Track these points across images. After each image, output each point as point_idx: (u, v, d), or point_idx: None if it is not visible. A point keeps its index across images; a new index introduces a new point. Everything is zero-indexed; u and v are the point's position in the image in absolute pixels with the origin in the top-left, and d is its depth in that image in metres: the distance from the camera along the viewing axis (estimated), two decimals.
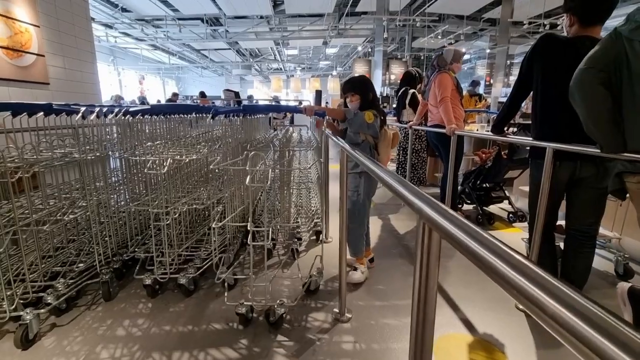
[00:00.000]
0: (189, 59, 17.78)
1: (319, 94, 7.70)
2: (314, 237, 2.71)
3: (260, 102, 10.27)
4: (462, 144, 2.95)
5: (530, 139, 1.86)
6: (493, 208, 3.41)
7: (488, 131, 4.21)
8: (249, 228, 1.58)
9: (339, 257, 1.70)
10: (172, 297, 1.89)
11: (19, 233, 1.56)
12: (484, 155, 3.18)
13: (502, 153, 2.92)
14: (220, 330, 1.61)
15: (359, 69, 13.91)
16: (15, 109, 1.69)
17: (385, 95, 13.20)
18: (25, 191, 1.68)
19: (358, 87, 2.05)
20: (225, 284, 1.91)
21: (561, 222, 1.96)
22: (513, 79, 12.87)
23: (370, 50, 14.86)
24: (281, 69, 21.73)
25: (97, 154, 1.97)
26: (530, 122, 1.87)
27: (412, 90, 3.90)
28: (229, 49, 14.94)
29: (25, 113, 1.73)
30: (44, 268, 1.78)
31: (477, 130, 4.07)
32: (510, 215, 3.22)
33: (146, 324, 1.65)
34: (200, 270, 1.97)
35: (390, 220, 3.26)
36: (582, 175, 1.64)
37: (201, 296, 1.89)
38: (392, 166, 5.31)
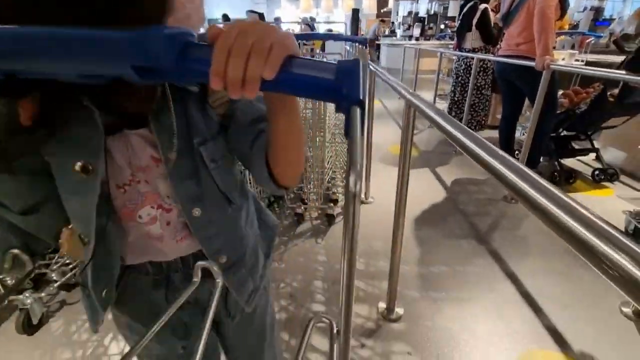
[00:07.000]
0: None
1: (356, 13, 6.49)
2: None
3: (286, 26, 9.05)
4: (556, 83, 2.16)
5: None
6: (573, 162, 2.75)
7: (578, 60, 3.28)
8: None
9: (393, 228, 1.27)
10: None
11: None
12: (577, 96, 2.43)
13: (609, 94, 2.18)
14: None
15: None
16: None
17: (432, 13, 11.10)
18: None
19: None
20: None
21: None
22: None
23: None
24: None
25: None
26: None
27: (483, 5, 2.95)
28: None
29: None
30: None
31: (564, 59, 3.15)
32: (597, 172, 2.57)
33: None
34: None
35: (440, 175, 2.75)
36: None
37: None
38: (441, 104, 4.52)
